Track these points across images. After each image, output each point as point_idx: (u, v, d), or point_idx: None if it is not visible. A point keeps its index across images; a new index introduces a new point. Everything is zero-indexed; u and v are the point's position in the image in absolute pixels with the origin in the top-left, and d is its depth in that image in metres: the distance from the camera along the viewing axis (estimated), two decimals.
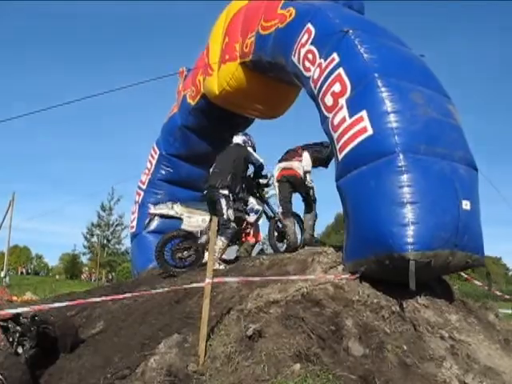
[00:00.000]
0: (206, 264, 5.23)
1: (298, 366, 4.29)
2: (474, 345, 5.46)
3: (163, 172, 11.24)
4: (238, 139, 8.46)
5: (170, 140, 11.08)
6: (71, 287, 23.26)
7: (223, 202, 7.50)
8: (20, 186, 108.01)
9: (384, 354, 4.78)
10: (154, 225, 11.11)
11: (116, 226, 46.54)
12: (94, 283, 36.93)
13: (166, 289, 6.12)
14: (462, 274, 7.99)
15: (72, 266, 61.23)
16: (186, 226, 7.84)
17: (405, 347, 4.93)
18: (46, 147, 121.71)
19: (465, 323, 5.83)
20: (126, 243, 44.51)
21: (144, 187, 11.46)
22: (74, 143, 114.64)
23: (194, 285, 5.49)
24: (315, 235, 8.92)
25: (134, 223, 11.58)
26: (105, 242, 46.80)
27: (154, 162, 11.37)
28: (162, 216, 8.63)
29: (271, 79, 8.70)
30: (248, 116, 10.20)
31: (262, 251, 10.02)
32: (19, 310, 5.38)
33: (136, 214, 11.56)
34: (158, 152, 11.30)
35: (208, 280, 4.83)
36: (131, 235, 11.94)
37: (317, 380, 4.13)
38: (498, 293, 11.93)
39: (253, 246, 9.56)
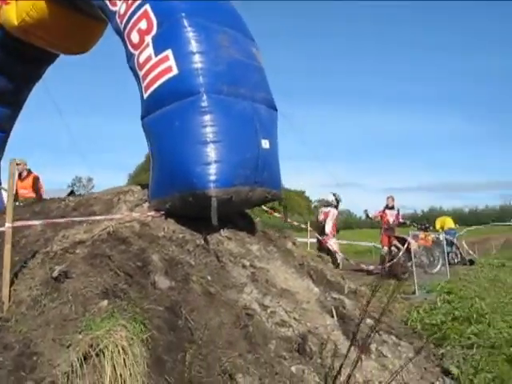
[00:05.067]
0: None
1: (105, 302, 4.36)
2: (273, 270, 5.95)
3: None
4: None
5: None
6: None
7: None
8: None
9: (189, 285, 5.00)
10: None
11: None
12: None
13: None
14: (264, 207, 8.54)
15: None
16: None
17: (209, 277, 5.22)
18: None
19: (265, 252, 6.31)
20: None
21: None
22: None
23: None
24: None
25: None
26: None
27: None
28: None
29: (76, 12, 8.21)
30: (51, 51, 9.56)
31: None
32: None
33: None
34: None
35: (8, 224, 4.63)
36: None
37: (124, 314, 4.23)
38: (296, 223, 13.07)
39: None
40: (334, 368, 4.48)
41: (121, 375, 3.73)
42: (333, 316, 5.54)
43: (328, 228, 13.42)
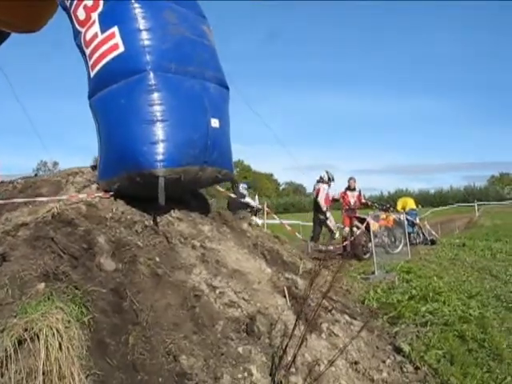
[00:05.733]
0: None
1: (42, 285, 4.25)
2: (224, 251, 5.92)
3: None
4: None
5: None
6: None
7: None
8: None
9: (137, 266, 4.93)
10: None
11: None
12: None
13: None
14: (219, 188, 8.46)
15: None
16: None
17: (157, 259, 5.15)
18: None
19: (217, 232, 6.27)
20: None
21: None
22: None
23: None
24: None
25: None
26: None
27: None
28: None
29: None
30: (1, 29, 9.26)
31: None
32: None
33: None
34: None
35: None
36: None
37: (62, 297, 4.15)
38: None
39: None
40: (283, 348, 4.46)
41: (56, 359, 3.65)
42: (285, 296, 5.53)
43: (322, 203, 14.07)
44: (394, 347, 5.76)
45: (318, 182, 14.51)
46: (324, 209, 14.12)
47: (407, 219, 15.37)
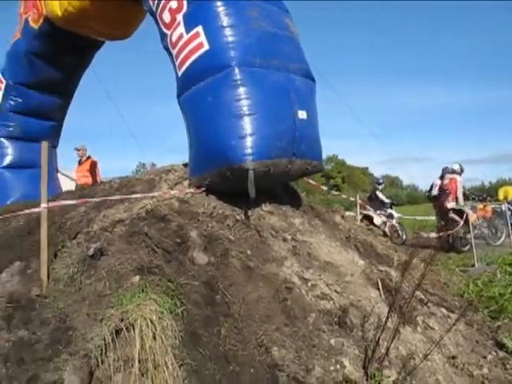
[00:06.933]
0: None
1: (137, 278, 4.39)
2: (315, 244, 5.86)
3: (12, 103, 10.47)
4: None
5: (16, 68, 10.33)
6: None
7: None
8: None
9: (228, 260, 4.98)
10: (9, 159, 10.65)
11: None
12: None
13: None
14: (310, 181, 8.42)
15: None
16: None
17: (248, 252, 5.18)
18: None
19: (308, 225, 6.22)
20: None
21: None
22: None
23: (31, 211, 5.42)
24: None
25: None
26: None
27: (0, 93, 10.60)
28: None
29: None
30: (96, 38, 9.75)
31: None
32: None
33: None
34: (4, 82, 10.50)
35: (43, 205, 4.76)
36: None
37: (156, 289, 4.27)
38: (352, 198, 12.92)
39: None
40: (376, 340, 4.36)
41: (150, 348, 3.76)
42: (378, 289, 5.40)
43: (459, 195, 13.54)
44: (495, 342, 5.46)
45: (451, 173, 13.91)
46: (461, 201, 13.51)
47: (510, 209, 14.54)
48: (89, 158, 11.86)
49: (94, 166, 11.76)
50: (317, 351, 4.25)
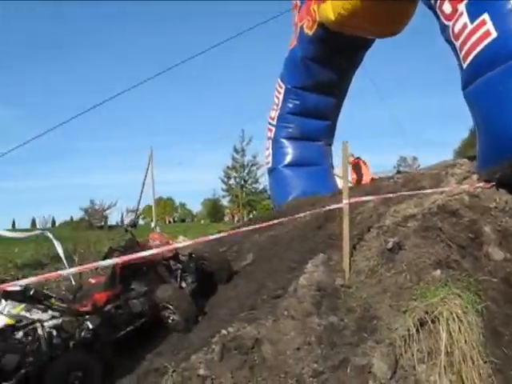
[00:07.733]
0: None
1: (438, 271, 4.48)
2: None
3: (291, 105, 11.39)
4: None
5: (294, 73, 11.18)
6: (217, 228, 24.57)
7: None
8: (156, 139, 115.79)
9: None
10: (289, 158, 11.59)
11: (251, 166, 47.37)
12: (238, 223, 38.18)
13: (308, 212, 6.47)
14: None
15: (214, 210, 64.79)
16: None
17: None
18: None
19: None
20: (263, 182, 45.71)
21: (274, 122, 11.73)
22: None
23: (334, 206, 5.78)
24: None
25: (270, 158, 11.97)
26: (242, 182, 48.13)
27: (280, 97, 11.52)
28: None
29: None
30: (366, 37, 10.01)
31: None
32: (180, 245, 6.09)
33: (270, 150, 11.92)
34: (283, 86, 11.43)
35: (345, 201, 5.12)
36: (268, 170, 12.37)
37: (458, 284, 4.30)
38: None
39: None
40: None
41: (456, 341, 3.83)
42: None
43: None
44: None
45: None
46: None
47: None
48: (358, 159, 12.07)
49: (358, 164, 11.89)
50: None
